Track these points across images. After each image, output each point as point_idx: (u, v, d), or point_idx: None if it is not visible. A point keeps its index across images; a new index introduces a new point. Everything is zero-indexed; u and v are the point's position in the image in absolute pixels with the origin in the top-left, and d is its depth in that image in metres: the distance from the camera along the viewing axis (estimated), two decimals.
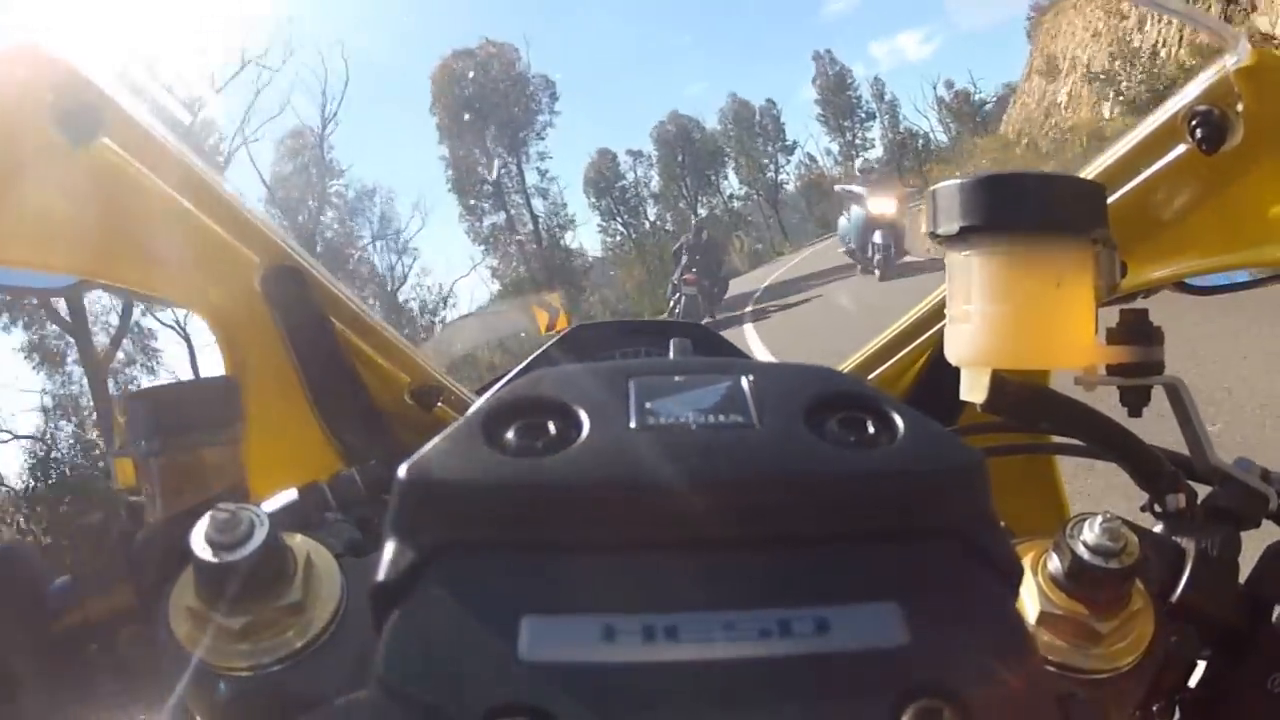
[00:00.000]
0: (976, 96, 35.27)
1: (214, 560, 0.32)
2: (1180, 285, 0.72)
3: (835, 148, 38.74)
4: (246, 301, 0.75)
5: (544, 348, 1.04)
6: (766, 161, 38.02)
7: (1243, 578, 0.49)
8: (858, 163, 34.04)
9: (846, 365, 0.84)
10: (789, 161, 38.62)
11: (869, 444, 0.29)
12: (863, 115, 38.38)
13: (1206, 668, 0.48)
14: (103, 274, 0.69)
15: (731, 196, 37.94)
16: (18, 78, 0.58)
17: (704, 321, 13.09)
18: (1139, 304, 0.58)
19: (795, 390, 0.31)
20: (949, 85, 36.70)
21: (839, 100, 38.19)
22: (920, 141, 36.92)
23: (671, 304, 15.17)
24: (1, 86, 0.57)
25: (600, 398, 0.30)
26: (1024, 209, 0.48)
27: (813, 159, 39.02)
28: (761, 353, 8.00)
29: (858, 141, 38.33)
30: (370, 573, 0.26)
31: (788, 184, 38.66)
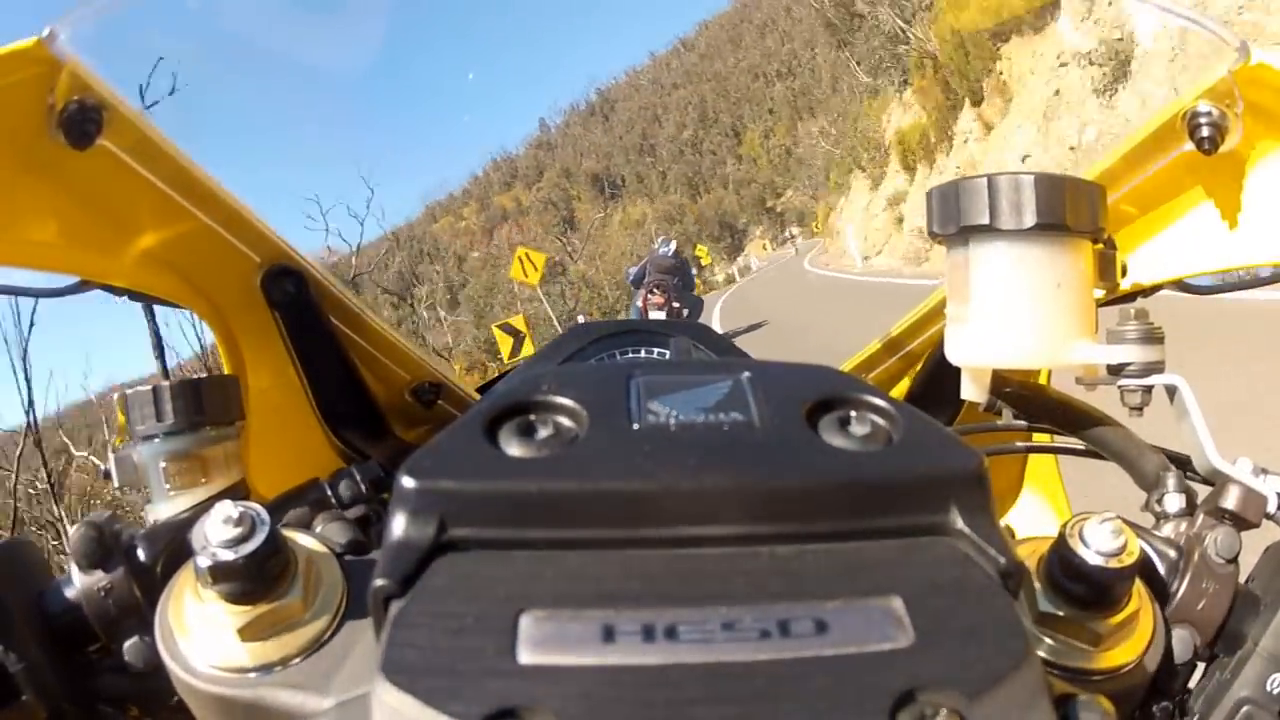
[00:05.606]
0: None
1: (215, 558, 0.32)
2: (1180, 285, 0.72)
3: None
4: (246, 301, 0.75)
5: (545, 346, 1.04)
6: None
7: (1242, 578, 0.49)
8: None
9: (847, 364, 0.84)
10: None
11: (869, 443, 0.29)
12: None
13: (1206, 668, 0.48)
14: (103, 274, 0.69)
15: None
16: (18, 78, 0.57)
17: None
18: (1139, 304, 0.58)
19: (795, 390, 0.31)
20: None
21: None
22: None
23: None
24: (2, 87, 0.57)
25: (601, 397, 0.30)
26: (1024, 209, 0.48)
27: None
28: None
29: None
30: (371, 571, 0.26)
31: None
